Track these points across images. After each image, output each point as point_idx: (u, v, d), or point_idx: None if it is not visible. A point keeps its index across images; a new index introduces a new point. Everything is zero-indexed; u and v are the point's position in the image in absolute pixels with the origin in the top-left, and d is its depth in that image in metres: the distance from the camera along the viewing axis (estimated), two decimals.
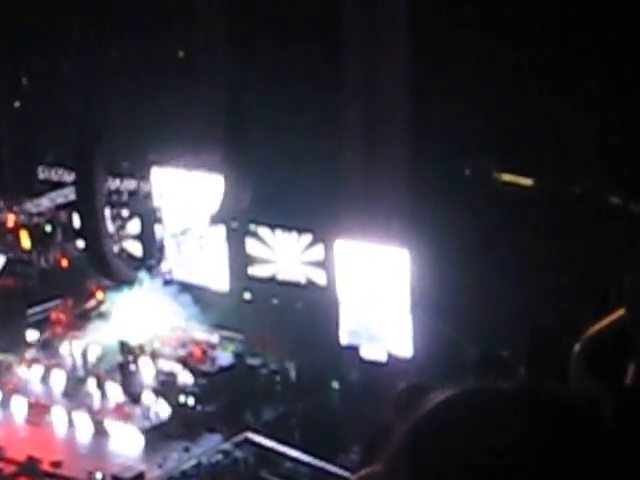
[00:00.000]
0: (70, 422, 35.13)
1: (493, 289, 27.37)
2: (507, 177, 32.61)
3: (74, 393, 36.04)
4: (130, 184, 36.38)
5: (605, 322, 4.38)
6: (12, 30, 35.71)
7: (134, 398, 35.13)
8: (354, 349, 31.28)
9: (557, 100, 27.78)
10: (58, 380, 36.43)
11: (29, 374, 36.99)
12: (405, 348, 30.96)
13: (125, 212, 36.49)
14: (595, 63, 27.16)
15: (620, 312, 4.40)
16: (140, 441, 33.81)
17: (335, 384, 32.57)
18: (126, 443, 34.01)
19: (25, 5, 34.94)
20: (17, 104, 39.76)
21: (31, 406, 36.11)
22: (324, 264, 33.52)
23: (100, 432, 34.58)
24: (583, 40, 27.14)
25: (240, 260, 35.18)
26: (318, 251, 33.66)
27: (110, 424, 34.57)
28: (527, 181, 32.40)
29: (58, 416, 35.39)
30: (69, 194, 36.99)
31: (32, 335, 38.08)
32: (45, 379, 36.70)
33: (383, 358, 30.98)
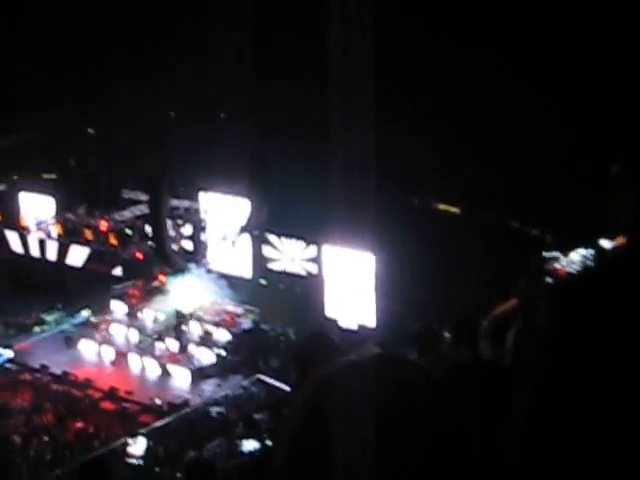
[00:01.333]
0: (139, 364, 35.10)
1: (431, 283, 27.33)
2: (442, 206, 32.62)
3: (143, 344, 36.01)
4: (185, 203, 36.38)
5: (502, 308, 4.38)
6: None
7: (184, 348, 35.14)
8: (334, 320, 31.24)
9: (476, 151, 27.68)
10: (132, 335, 36.40)
11: (112, 330, 36.95)
12: (370, 321, 30.99)
13: (181, 222, 36.44)
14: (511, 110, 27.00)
15: (512, 302, 4.41)
16: (187, 378, 33.79)
17: None
18: (177, 380, 34.01)
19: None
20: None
21: (113, 353, 36.08)
22: (316, 261, 33.62)
23: (160, 371, 34.58)
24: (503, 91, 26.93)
25: (259, 257, 35.24)
26: (312, 252, 33.78)
27: (167, 366, 34.55)
28: (455, 209, 32.40)
29: (131, 360, 35.35)
30: (144, 209, 36.96)
31: (115, 304, 38.02)
32: (122, 334, 36.67)
33: (355, 327, 30.94)
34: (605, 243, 20.92)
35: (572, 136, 25.83)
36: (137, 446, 27.48)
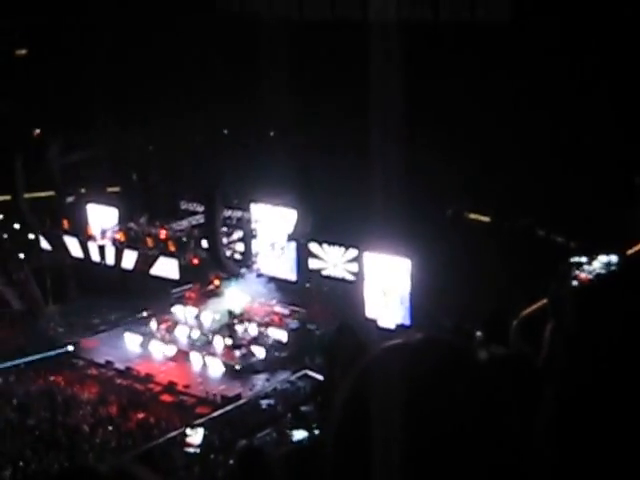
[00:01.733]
0: (196, 361, 35.20)
1: (463, 286, 27.21)
2: (473, 215, 32.52)
3: (199, 342, 36.10)
4: (238, 213, 36.43)
5: (532, 309, 4.31)
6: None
7: (236, 346, 35.19)
8: (374, 320, 31.25)
9: (505, 164, 27.56)
10: (189, 334, 36.53)
11: (171, 329, 37.09)
12: (406, 320, 31.01)
13: (234, 231, 36.53)
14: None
15: (541, 303, 4.33)
16: (239, 374, 33.85)
17: None
18: (230, 375, 34.06)
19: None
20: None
21: (171, 350, 36.22)
22: (357, 266, 33.67)
23: (213, 367, 34.64)
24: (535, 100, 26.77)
25: (304, 262, 35.31)
26: (353, 258, 33.83)
27: (220, 362, 34.60)
28: (485, 218, 32.28)
29: (188, 357, 35.46)
30: (200, 219, 37.07)
31: (173, 305, 38.17)
32: (179, 332, 36.79)
33: (392, 326, 30.90)
34: (626, 250, 20.78)
35: (599, 148, 25.63)
36: (196, 436, 27.54)
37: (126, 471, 1.63)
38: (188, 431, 27.85)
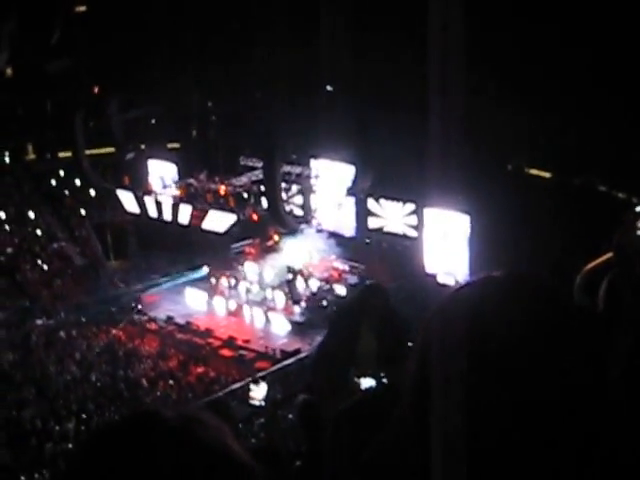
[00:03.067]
0: (255, 316, 35.40)
1: (524, 242, 27.02)
2: (534, 171, 32.24)
3: (258, 297, 36.32)
4: (297, 169, 36.44)
5: (594, 263, 4.26)
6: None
7: (295, 301, 35.36)
8: (434, 277, 31.15)
9: (571, 119, 27.20)
10: (249, 289, 36.74)
11: (231, 285, 37.33)
12: (465, 276, 30.81)
13: (293, 186, 36.55)
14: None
15: (604, 257, 4.27)
16: (297, 328, 34.00)
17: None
18: (289, 330, 34.23)
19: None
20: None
21: (231, 305, 36.45)
22: (416, 223, 33.58)
23: (272, 322, 34.83)
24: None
25: (363, 218, 35.26)
26: (412, 213, 33.74)
27: (279, 317, 34.78)
28: (546, 174, 31.99)
29: (247, 312, 35.69)
30: (259, 174, 37.12)
31: (233, 261, 38.42)
32: (239, 288, 37.01)
33: (452, 283, 30.79)
34: None
35: None
36: (258, 390, 27.76)
37: (191, 416, 1.65)
38: (252, 386, 28.07)
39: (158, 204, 38.71)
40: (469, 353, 1.52)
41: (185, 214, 37.96)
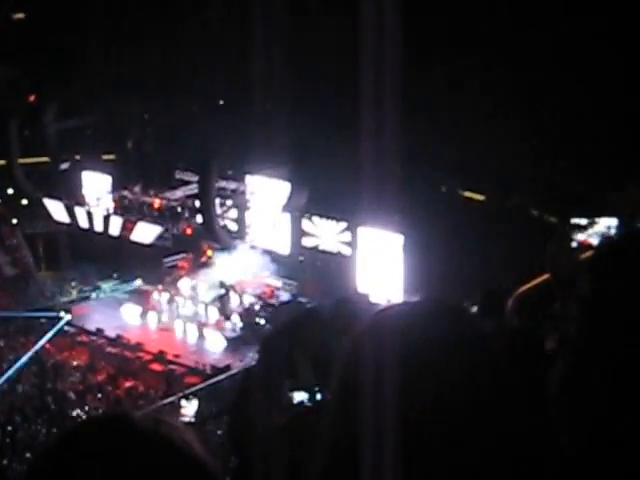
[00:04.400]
0: (186, 331, 35.26)
1: (455, 263, 27.23)
2: (467, 193, 32.55)
3: (190, 312, 36.18)
4: (232, 184, 36.45)
5: (527, 286, 4.30)
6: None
7: (227, 317, 35.28)
8: (366, 296, 31.26)
9: (502, 144, 27.52)
10: (181, 304, 36.58)
11: (162, 299, 37.15)
12: (398, 296, 30.99)
13: (228, 202, 36.53)
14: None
15: (536, 281, 4.32)
16: (229, 345, 33.93)
17: None
18: (220, 345, 34.15)
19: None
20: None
21: (162, 319, 36.29)
22: (350, 240, 33.70)
23: (204, 337, 34.73)
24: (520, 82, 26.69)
25: (297, 235, 35.30)
26: (346, 232, 33.86)
27: (211, 333, 34.68)
28: (480, 197, 32.31)
29: (179, 327, 35.53)
30: (194, 188, 37.06)
31: (165, 275, 38.28)
32: (171, 302, 36.84)
33: (384, 302, 30.93)
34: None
35: (587, 126, 25.59)
36: (190, 406, 27.62)
37: (158, 418, 1.66)
38: (183, 402, 27.94)
39: (89, 214, 38.46)
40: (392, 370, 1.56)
41: (116, 225, 37.75)
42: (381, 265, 32.06)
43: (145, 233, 37.29)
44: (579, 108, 25.43)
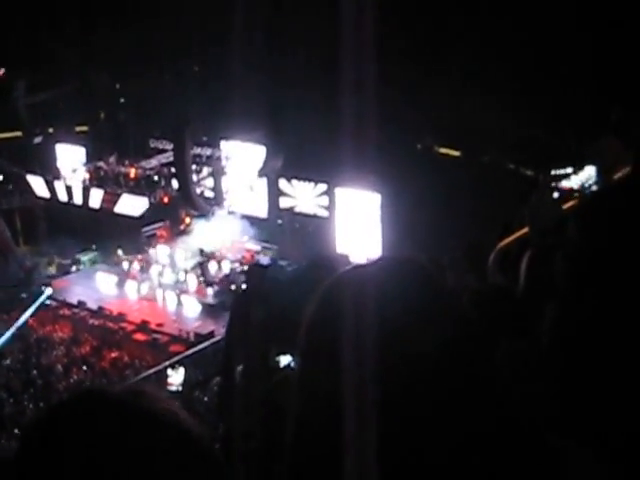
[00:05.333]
0: (168, 299, 35.25)
1: (435, 220, 27.24)
2: (443, 150, 32.55)
3: (171, 281, 36.15)
4: (207, 151, 36.35)
5: (508, 240, 4.30)
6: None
7: (208, 284, 35.26)
8: (345, 256, 31.25)
9: (479, 97, 27.48)
10: (161, 272, 36.54)
11: (143, 268, 37.10)
12: (376, 255, 30.99)
13: (204, 168, 36.44)
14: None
15: (517, 234, 4.32)
16: (211, 311, 33.92)
17: None
18: (202, 312, 34.15)
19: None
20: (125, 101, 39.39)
21: (143, 289, 36.25)
22: (328, 202, 33.68)
23: (185, 305, 34.72)
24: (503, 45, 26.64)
25: (275, 199, 35.26)
26: (323, 193, 33.82)
27: (192, 300, 34.67)
28: (456, 153, 32.32)
29: (160, 295, 35.51)
30: (169, 157, 36.95)
31: (144, 244, 38.24)
32: (151, 271, 36.80)
33: (363, 261, 30.95)
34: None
35: (567, 79, 25.58)
36: (176, 375, 27.63)
37: (138, 390, 1.65)
38: (169, 371, 27.95)
39: (68, 188, 38.31)
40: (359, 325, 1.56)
41: (96, 198, 37.63)
42: (359, 225, 32.09)
43: (132, 205, 37.20)
44: (551, 59, 25.42)
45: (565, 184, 25.98)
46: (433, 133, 32.01)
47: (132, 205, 37.11)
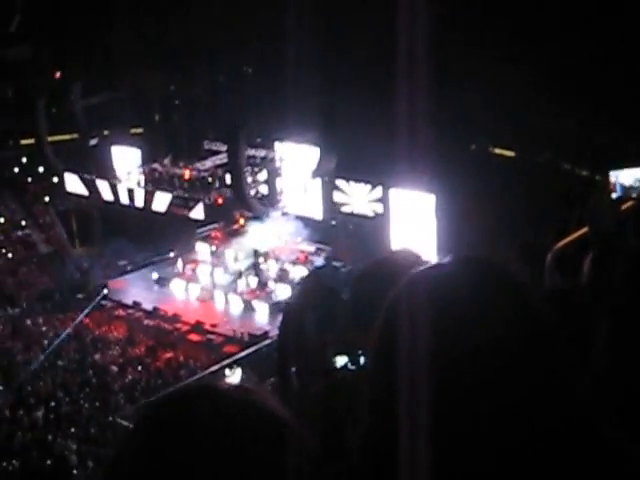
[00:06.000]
0: (222, 300, 35.40)
1: (487, 221, 27.09)
2: (497, 150, 32.37)
3: (225, 281, 36.29)
4: (262, 152, 36.43)
5: (565, 241, 4.26)
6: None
7: (262, 284, 35.37)
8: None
9: (535, 98, 27.28)
10: (216, 273, 36.69)
11: (197, 269, 37.29)
12: (432, 257, 30.85)
13: (258, 170, 36.51)
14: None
15: (574, 235, 4.28)
16: (265, 312, 34.00)
17: None
18: (257, 313, 34.25)
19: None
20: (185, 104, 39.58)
21: (198, 290, 36.43)
22: (382, 204, 33.59)
23: (240, 306, 34.86)
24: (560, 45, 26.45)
25: (329, 200, 35.21)
26: (378, 194, 33.73)
27: (247, 301, 34.80)
28: (510, 153, 32.12)
29: (215, 296, 35.66)
30: (224, 158, 37.07)
31: (199, 245, 38.42)
32: (206, 272, 36.97)
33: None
34: None
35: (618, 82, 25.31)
36: (234, 375, 27.73)
37: (247, 388, 1.67)
38: (227, 371, 28.05)
39: (130, 192, 38.58)
40: (434, 332, 1.54)
41: (163, 202, 37.87)
42: (414, 226, 31.98)
43: (160, 202, 37.40)
44: (611, 59, 25.17)
45: (623, 185, 25.70)
46: (487, 133, 31.82)
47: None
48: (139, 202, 38.45)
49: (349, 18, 30.07)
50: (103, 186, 39.41)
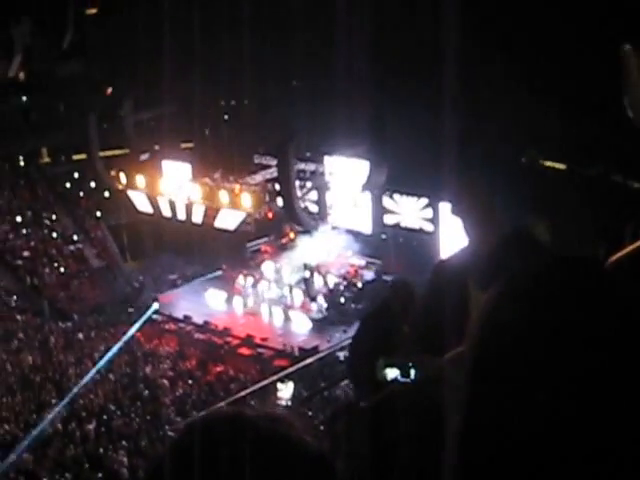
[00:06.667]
0: (272, 313, 35.43)
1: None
2: (548, 163, 32.14)
3: (275, 295, 36.32)
4: (311, 166, 36.46)
5: (619, 255, 4.17)
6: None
7: (312, 299, 35.36)
8: None
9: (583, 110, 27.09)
10: (266, 287, 36.74)
11: (248, 283, 37.35)
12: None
13: (308, 183, 36.55)
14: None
15: (628, 249, 4.18)
16: (315, 326, 34.01)
17: None
18: (307, 327, 34.24)
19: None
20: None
21: (248, 303, 36.50)
22: (432, 218, 33.50)
23: (290, 320, 34.85)
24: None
25: (379, 214, 35.18)
26: (428, 209, 33.64)
27: (297, 315, 34.79)
28: (561, 166, 31.89)
29: (265, 310, 35.70)
30: (273, 172, 37.13)
31: (249, 259, 38.56)
32: (256, 286, 37.01)
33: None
34: None
35: None
36: (286, 390, 27.72)
37: (275, 415, 1.66)
38: (279, 385, 28.06)
39: (172, 204, 38.74)
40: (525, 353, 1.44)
41: (199, 213, 37.97)
42: (464, 240, 31.80)
43: (228, 219, 37.43)
44: None
45: None
46: (537, 146, 31.62)
47: (229, 219, 37.34)
48: (181, 215, 38.40)
49: (399, 31, 30.04)
50: (162, 202, 39.60)
